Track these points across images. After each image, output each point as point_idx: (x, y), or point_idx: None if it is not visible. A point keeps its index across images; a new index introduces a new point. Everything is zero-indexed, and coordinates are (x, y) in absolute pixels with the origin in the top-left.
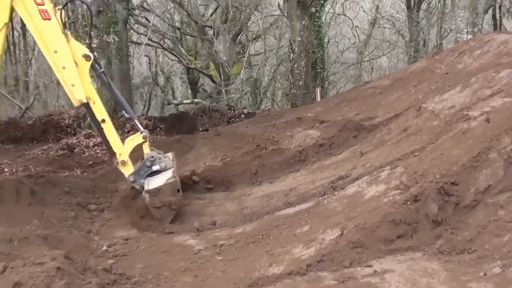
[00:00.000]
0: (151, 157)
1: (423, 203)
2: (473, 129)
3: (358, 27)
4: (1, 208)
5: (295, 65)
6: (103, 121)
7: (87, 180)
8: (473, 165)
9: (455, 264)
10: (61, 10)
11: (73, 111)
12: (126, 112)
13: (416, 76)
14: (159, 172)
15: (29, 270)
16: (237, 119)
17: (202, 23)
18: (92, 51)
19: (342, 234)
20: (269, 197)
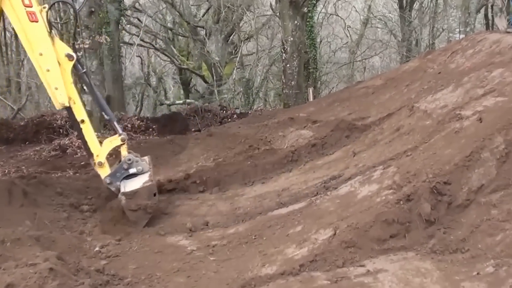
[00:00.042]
0: (129, 159)
1: (416, 202)
2: (466, 128)
3: (350, 27)
4: None
5: (288, 65)
6: (82, 121)
7: (80, 181)
8: (465, 164)
9: (448, 263)
10: (47, 12)
11: (65, 112)
12: (105, 113)
13: (408, 75)
14: (135, 175)
15: (21, 271)
16: (229, 120)
17: (194, 24)
18: (75, 51)
19: (335, 234)
20: (261, 197)
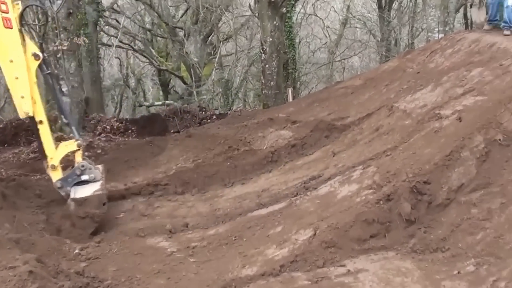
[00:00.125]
0: (82, 166)
1: (396, 202)
2: (445, 128)
3: (329, 27)
4: None
5: (267, 66)
6: (41, 122)
7: None
8: (445, 163)
9: (429, 263)
10: (19, 16)
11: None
12: (65, 117)
13: (387, 75)
14: (87, 182)
15: (1, 274)
16: (208, 120)
17: (172, 25)
18: (43, 51)
19: (315, 234)
20: (241, 198)
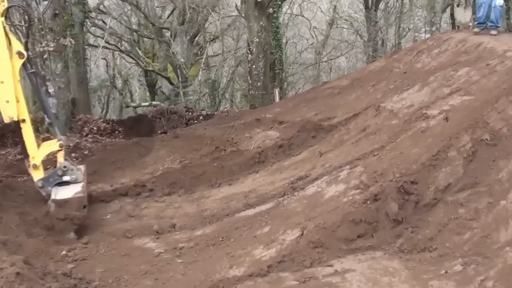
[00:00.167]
0: (64, 166)
1: (383, 202)
2: (432, 127)
3: (316, 27)
4: None
5: (253, 66)
6: (23, 121)
7: None
8: (432, 163)
9: (416, 262)
10: (2, 14)
11: (31, 115)
12: (48, 117)
13: (374, 75)
14: (68, 183)
15: None
16: (195, 121)
17: (159, 25)
18: (27, 50)
19: (302, 234)
20: (228, 199)
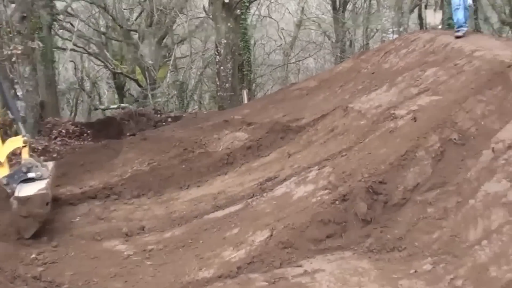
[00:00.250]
0: (29, 163)
1: (352, 202)
2: (400, 128)
3: (284, 29)
4: None
5: (222, 68)
6: None
7: None
8: (401, 163)
9: (385, 262)
10: None
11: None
12: (11, 113)
13: (342, 76)
14: (33, 180)
15: None
16: (164, 123)
17: (127, 28)
18: None
19: (271, 235)
20: (197, 201)
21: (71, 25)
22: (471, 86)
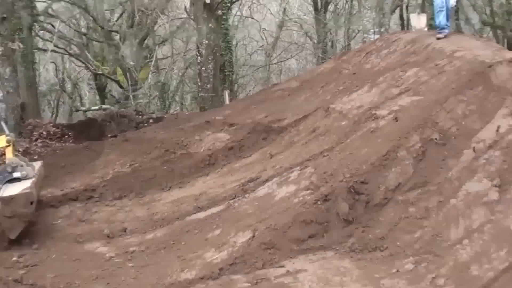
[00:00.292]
0: (13, 163)
1: (334, 202)
2: (382, 128)
3: (266, 29)
4: None
5: (203, 68)
6: None
7: None
8: (382, 163)
9: (367, 261)
10: None
11: None
12: None
13: (323, 77)
14: (19, 180)
15: None
16: (145, 124)
17: (108, 28)
18: None
19: (253, 236)
20: (179, 202)
21: (52, 26)
22: (452, 86)
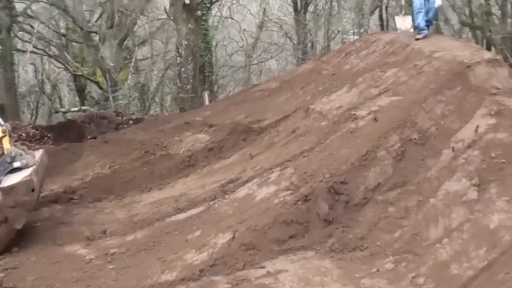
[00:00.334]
0: (11, 152)
1: (314, 202)
2: (361, 128)
3: (246, 30)
4: None
5: (183, 69)
6: None
7: None
8: (362, 163)
9: (348, 261)
10: None
11: None
12: None
13: (303, 78)
14: (20, 169)
15: None
16: (125, 126)
17: (87, 29)
18: None
19: (234, 237)
20: (159, 204)
21: (31, 27)
22: (431, 86)
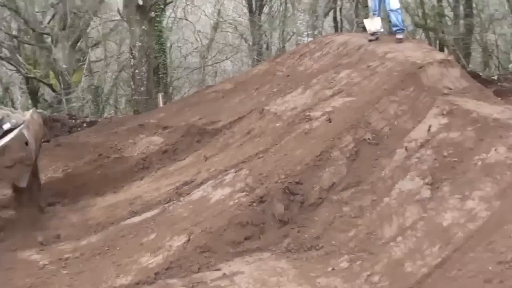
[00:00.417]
0: None
1: (269, 203)
2: (315, 129)
3: (200, 31)
4: None
5: (136, 71)
6: None
7: None
8: (316, 164)
9: (303, 261)
10: None
11: None
12: None
13: (258, 79)
14: (12, 130)
15: None
16: (79, 129)
17: (40, 31)
18: None
19: (189, 239)
20: (113, 207)
21: None
22: (384, 87)
